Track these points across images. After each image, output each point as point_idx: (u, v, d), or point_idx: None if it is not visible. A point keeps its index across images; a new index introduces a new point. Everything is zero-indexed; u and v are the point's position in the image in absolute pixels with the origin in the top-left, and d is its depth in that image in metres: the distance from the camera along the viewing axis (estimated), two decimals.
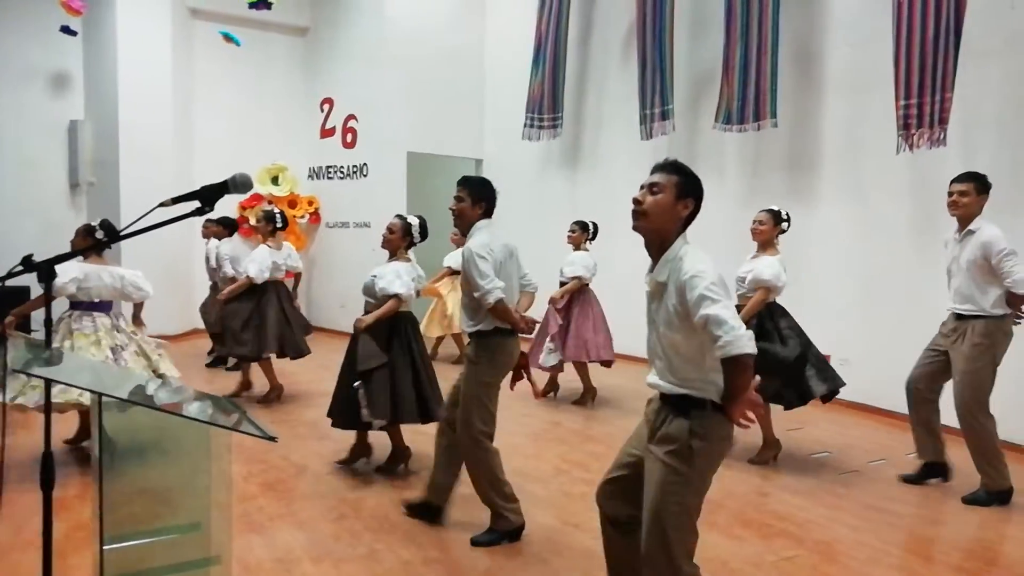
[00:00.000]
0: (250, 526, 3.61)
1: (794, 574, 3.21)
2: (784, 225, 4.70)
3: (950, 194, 4.09)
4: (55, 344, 4.28)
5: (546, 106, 8.87)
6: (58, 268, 4.31)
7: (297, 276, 6.55)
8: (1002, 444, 4.13)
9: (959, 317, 4.10)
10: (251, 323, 5.94)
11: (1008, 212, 4.55)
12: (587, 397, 6.38)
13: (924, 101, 5.32)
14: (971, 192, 4.02)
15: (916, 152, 5.48)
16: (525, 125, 9.05)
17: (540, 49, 8.87)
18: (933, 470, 4.35)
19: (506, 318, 3.37)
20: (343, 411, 4.34)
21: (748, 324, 3.45)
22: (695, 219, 2.32)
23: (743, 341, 2.07)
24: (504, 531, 3.50)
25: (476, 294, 3.32)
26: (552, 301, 6.11)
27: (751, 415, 2.20)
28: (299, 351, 6.15)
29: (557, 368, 6.30)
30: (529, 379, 3.65)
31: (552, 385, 6.56)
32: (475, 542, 3.46)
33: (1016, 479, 4.12)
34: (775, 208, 4.73)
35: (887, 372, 5.77)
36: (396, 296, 4.26)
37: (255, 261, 5.99)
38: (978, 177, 4.06)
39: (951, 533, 3.83)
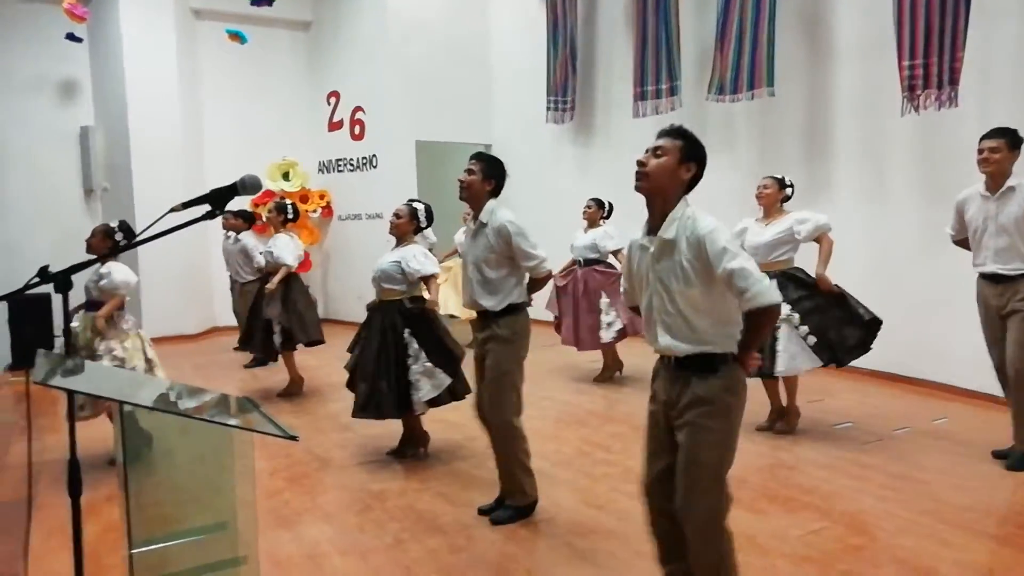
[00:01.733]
0: (278, 521, 3.65)
1: (822, 547, 3.20)
2: (788, 191, 4.71)
3: (980, 151, 3.96)
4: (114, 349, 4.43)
5: (570, 88, 8.83)
6: (115, 269, 4.39)
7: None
8: None
9: (1003, 279, 3.96)
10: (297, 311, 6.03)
11: None
12: (612, 372, 6.42)
13: (931, 62, 5.22)
14: (1003, 148, 3.90)
15: (930, 116, 5.37)
16: (548, 108, 9.02)
17: (556, 31, 8.82)
18: None
19: (542, 287, 3.53)
20: (380, 402, 4.31)
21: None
22: (698, 184, 2.36)
23: (771, 292, 2.20)
24: (522, 506, 3.54)
25: (532, 263, 3.41)
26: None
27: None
28: (318, 339, 6.22)
29: (615, 342, 6.27)
30: None
31: (615, 364, 6.47)
32: (497, 520, 3.49)
33: None
34: (779, 175, 4.76)
35: (907, 339, 5.73)
36: (434, 276, 4.37)
37: (287, 249, 6.04)
38: (1009, 132, 3.94)
39: (982, 500, 3.79)
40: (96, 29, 8.94)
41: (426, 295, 4.46)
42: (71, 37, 8.64)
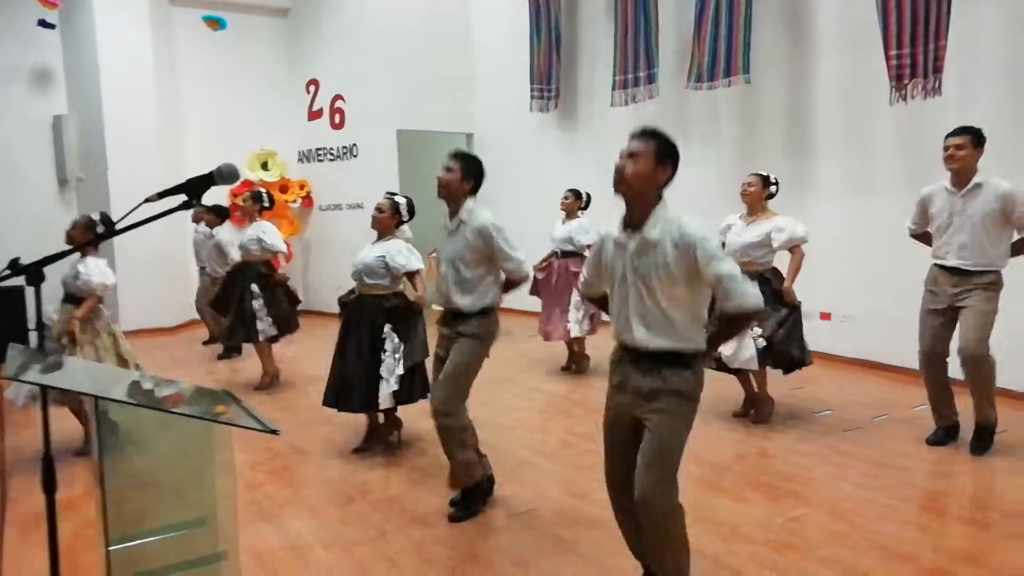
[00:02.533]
0: (260, 515, 3.62)
1: (803, 534, 3.23)
2: (773, 188, 4.72)
3: (946, 148, 4.04)
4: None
5: (554, 75, 8.80)
6: (92, 269, 4.32)
7: None
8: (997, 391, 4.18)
9: (962, 273, 4.05)
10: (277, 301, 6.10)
11: (1009, 164, 4.49)
12: (584, 364, 6.45)
13: (917, 51, 5.24)
14: (967, 145, 3.98)
15: (913, 105, 5.41)
16: (533, 97, 8.99)
17: (538, 18, 8.78)
18: (952, 431, 4.32)
19: (515, 289, 3.53)
20: (350, 393, 4.29)
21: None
22: (673, 180, 2.43)
23: (756, 297, 2.31)
24: (478, 494, 3.54)
25: (511, 265, 3.41)
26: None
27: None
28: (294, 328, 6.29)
29: (584, 336, 6.28)
30: None
31: (582, 358, 6.47)
32: (456, 518, 3.47)
33: (1015, 426, 4.14)
34: (764, 172, 4.77)
35: (886, 327, 5.79)
36: (419, 271, 4.33)
37: (276, 236, 6.07)
38: (973, 130, 4.02)
39: (960, 486, 3.84)
40: (69, 15, 8.74)
41: (410, 292, 4.41)
42: (43, 24, 8.45)
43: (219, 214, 7.65)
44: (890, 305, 5.64)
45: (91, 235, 4.38)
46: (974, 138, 4.00)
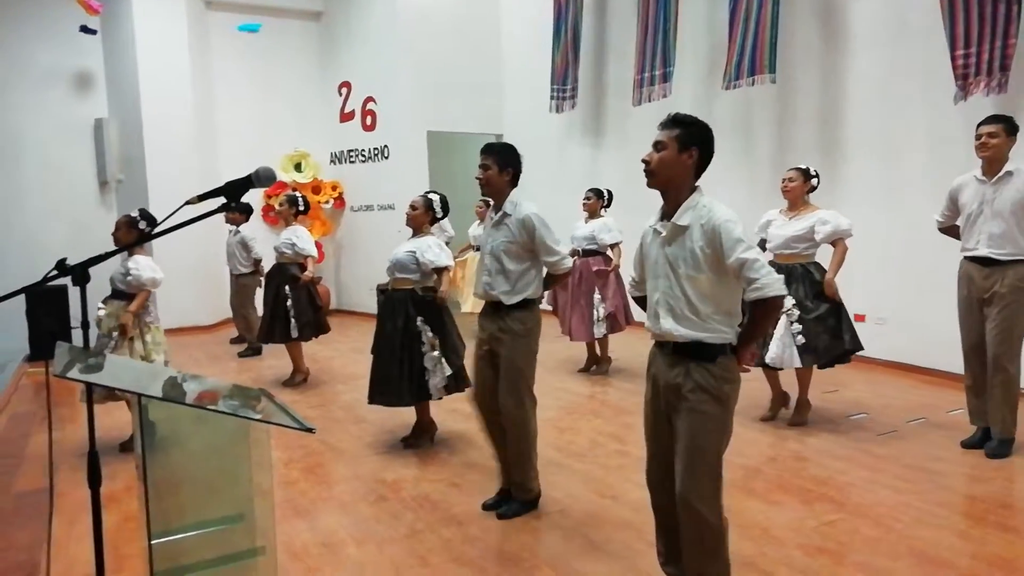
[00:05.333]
0: (295, 511, 3.68)
1: (837, 538, 3.19)
2: (814, 182, 4.69)
3: (978, 136, 3.99)
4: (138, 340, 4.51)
5: (570, 76, 8.81)
6: (142, 265, 4.44)
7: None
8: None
9: (993, 263, 4.00)
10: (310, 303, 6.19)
11: None
12: (604, 367, 6.45)
13: (983, 49, 5.17)
14: (1000, 134, 3.92)
15: (946, 104, 5.31)
16: (552, 98, 9.00)
17: (560, 20, 8.79)
18: (989, 434, 4.22)
19: (563, 282, 3.43)
20: (394, 389, 4.37)
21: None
22: (708, 166, 2.40)
23: (777, 285, 2.25)
24: (527, 500, 3.55)
25: (553, 259, 3.40)
26: (615, 268, 6.17)
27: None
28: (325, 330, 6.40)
29: (605, 336, 6.30)
30: None
31: (604, 359, 6.48)
32: (504, 515, 3.50)
33: None
34: (803, 166, 4.71)
35: (922, 330, 5.69)
36: (447, 268, 4.40)
37: (309, 240, 6.18)
38: (1006, 119, 3.97)
39: (997, 490, 3.76)
40: (109, 21, 8.96)
41: (440, 287, 4.48)
42: (85, 29, 8.68)
43: (243, 211, 7.76)
44: (925, 307, 5.55)
45: (135, 233, 4.46)
46: (1007, 127, 3.94)
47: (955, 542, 3.14)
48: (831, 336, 4.53)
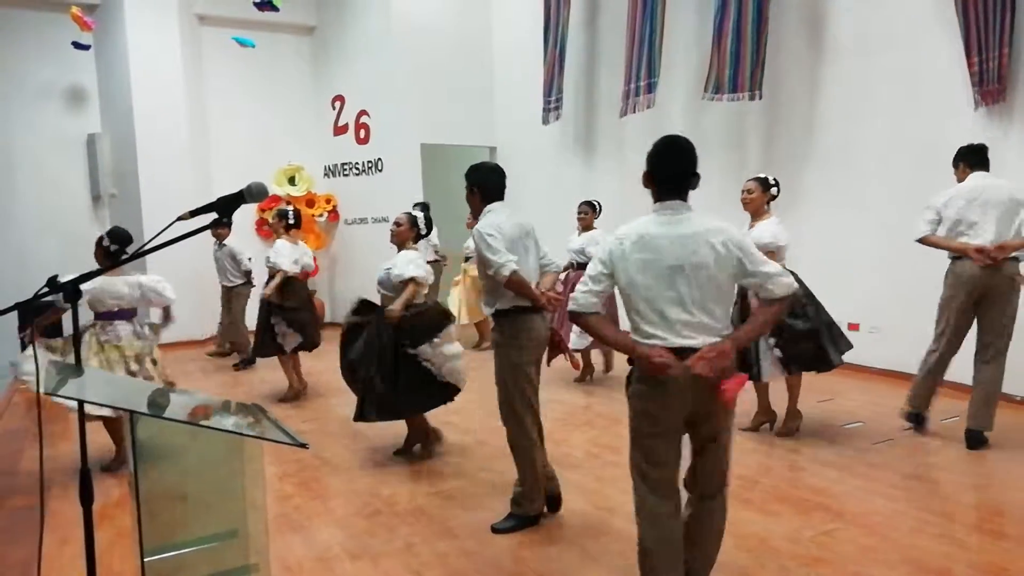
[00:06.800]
0: (289, 526, 3.66)
1: (834, 548, 3.19)
2: (773, 191, 4.64)
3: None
4: (84, 354, 4.28)
5: (555, 87, 8.86)
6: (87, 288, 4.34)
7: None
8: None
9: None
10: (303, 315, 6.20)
11: None
12: (589, 373, 6.55)
13: (990, 56, 5.22)
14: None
15: (932, 114, 5.37)
16: (544, 109, 9.03)
17: (548, 32, 8.85)
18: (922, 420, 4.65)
19: (524, 292, 3.36)
20: (382, 403, 4.34)
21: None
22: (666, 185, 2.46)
23: (790, 282, 2.40)
24: (524, 516, 3.53)
25: (490, 271, 3.35)
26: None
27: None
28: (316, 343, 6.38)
29: (589, 348, 6.33)
30: (567, 354, 3.65)
31: (587, 369, 6.54)
32: (496, 529, 3.49)
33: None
34: (762, 175, 4.68)
35: (916, 339, 5.67)
36: (413, 280, 4.36)
37: (283, 255, 6.11)
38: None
39: (993, 498, 3.77)
40: (102, 37, 8.97)
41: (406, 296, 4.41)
42: (78, 45, 8.69)
43: (227, 225, 7.72)
44: (920, 315, 5.54)
45: (104, 255, 4.30)
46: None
47: (951, 550, 3.14)
48: (798, 340, 4.49)
